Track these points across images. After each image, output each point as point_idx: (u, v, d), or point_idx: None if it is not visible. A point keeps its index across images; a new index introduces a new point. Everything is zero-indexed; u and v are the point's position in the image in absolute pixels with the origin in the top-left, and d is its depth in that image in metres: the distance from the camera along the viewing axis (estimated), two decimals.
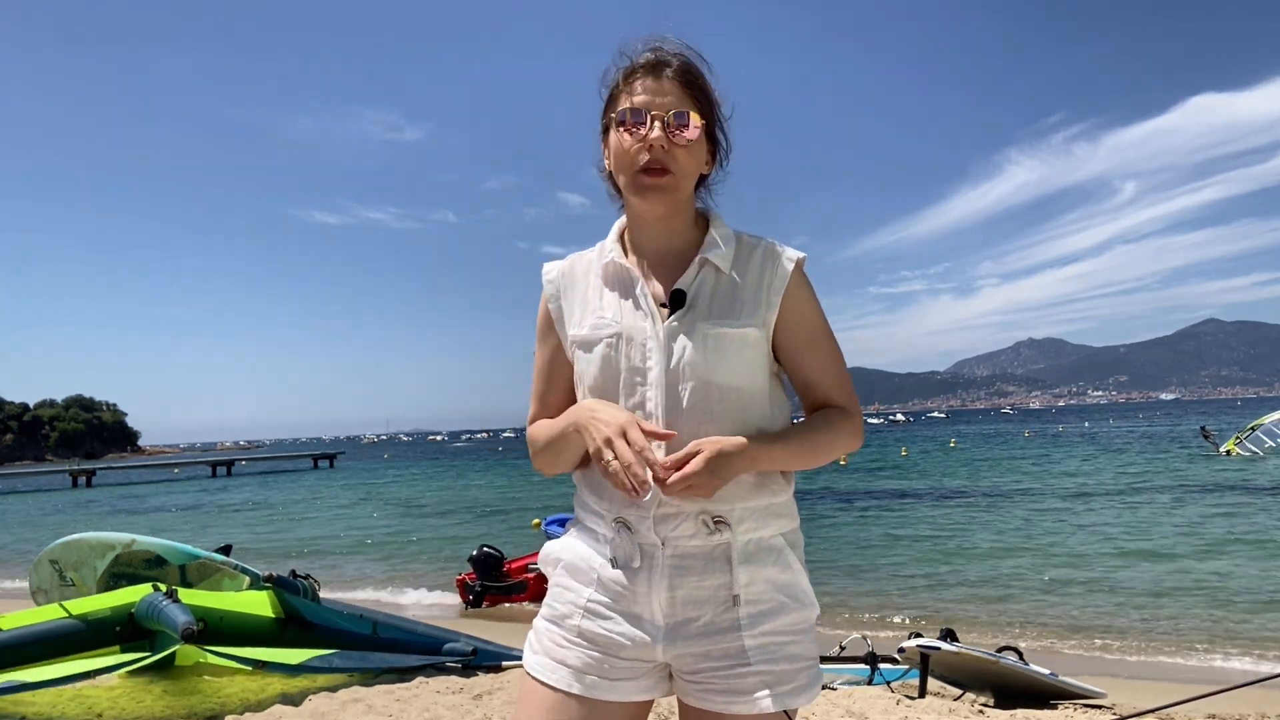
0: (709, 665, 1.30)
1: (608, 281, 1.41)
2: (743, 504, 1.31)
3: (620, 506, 1.32)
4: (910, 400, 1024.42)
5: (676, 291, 1.34)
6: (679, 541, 1.29)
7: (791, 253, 1.39)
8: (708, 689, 1.31)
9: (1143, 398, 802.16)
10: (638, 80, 1.35)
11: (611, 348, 1.33)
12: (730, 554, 1.30)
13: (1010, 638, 7.62)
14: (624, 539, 1.31)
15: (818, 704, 4.86)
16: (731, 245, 1.39)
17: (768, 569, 1.33)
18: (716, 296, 1.35)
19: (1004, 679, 5.24)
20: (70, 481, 53.16)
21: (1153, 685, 6.38)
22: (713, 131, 1.40)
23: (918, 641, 5.28)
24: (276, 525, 22.96)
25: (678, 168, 1.33)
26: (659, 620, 1.30)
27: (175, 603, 5.21)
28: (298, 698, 5.04)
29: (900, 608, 9.68)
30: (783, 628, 1.32)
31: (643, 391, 1.31)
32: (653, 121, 1.31)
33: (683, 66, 1.36)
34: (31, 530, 23.87)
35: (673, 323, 1.32)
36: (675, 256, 1.40)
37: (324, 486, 39.96)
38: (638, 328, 1.33)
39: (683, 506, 1.28)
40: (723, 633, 1.30)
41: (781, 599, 1.33)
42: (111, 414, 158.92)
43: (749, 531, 1.31)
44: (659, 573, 1.30)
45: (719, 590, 1.30)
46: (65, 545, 6.66)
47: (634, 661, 1.33)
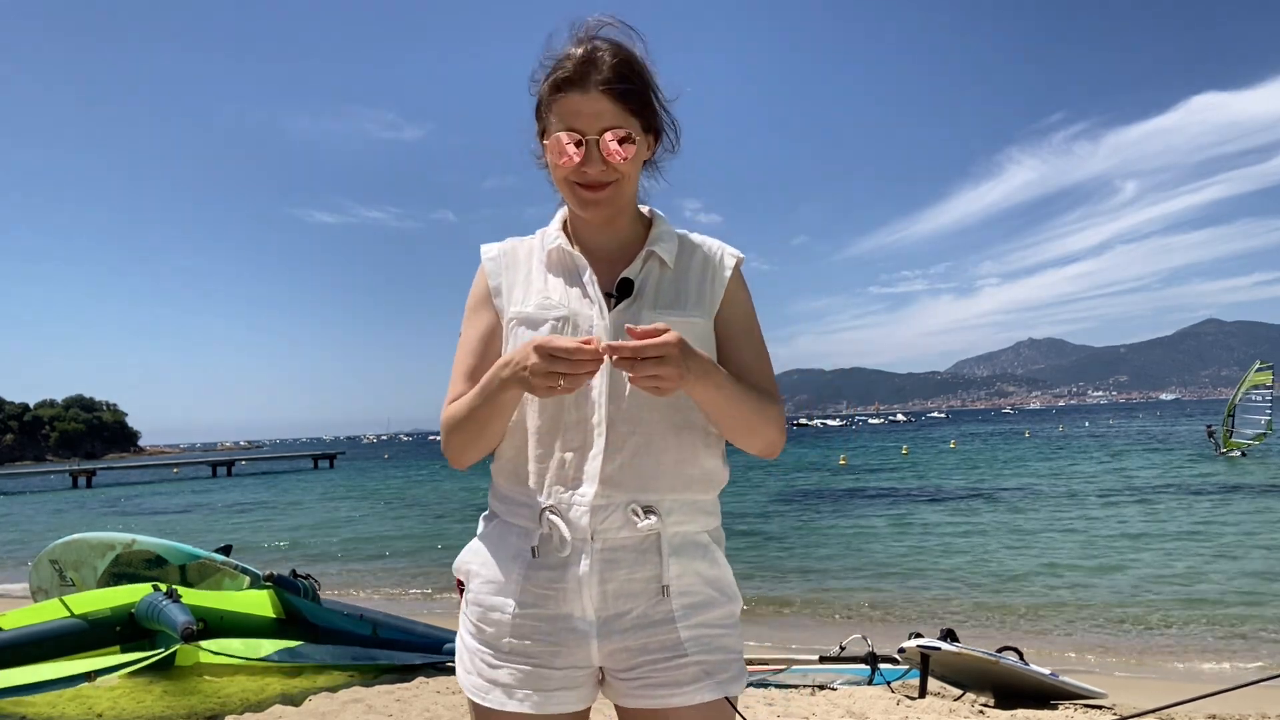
0: (645, 659, 1.29)
1: (552, 267, 1.39)
2: (672, 495, 1.30)
3: (551, 494, 1.29)
4: (910, 400, 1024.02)
5: (624, 280, 1.34)
6: (608, 534, 1.27)
7: (733, 251, 1.43)
8: (645, 683, 1.29)
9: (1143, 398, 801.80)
10: (565, 97, 1.29)
11: (558, 330, 1.31)
12: (660, 545, 1.29)
13: (1010, 637, 7.61)
14: (553, 529, 1.28)
15: (819, 704, 4.86)
16: (675, 241, 1.40)
17: (696, 562, 1.33)
18: (662, 288, 1.36)
19: (1004, 679, 5.24)
20: (70, 481, 53.15)
21: (1153, 685, 6.38)
22: (652, 124, 1.36)
23: (918, 641, 5.27)
24: (277, 525, 22.96)
25: (619, 176, 1.32)
26: (590, 616, 1.28)
27: (175, 603, 5.22)
28: (298, 697, 5.04)
29: (900, 607, 9.68)
30: (714, 620, 1.33)
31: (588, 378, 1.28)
32: (588, 146, 1.28)
33: (614, 66, 1.29)
34: (32, 530, 23.87)
35: (620, 311, 1.32)
36: (619, 250, 1.39)
37: (324, 486, 39.95)
38: (584, 314, 1.32)
39: (613, 497, 1.27)
40: (657, 625, 1.29)
41: (711, 592, 1.34)
42: (111, 414, 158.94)
43: (677, 524, 1.31)
44: (589, 566, 1.27)
45: (650, 583, 1.29)
46: (66, 545, 6.66)
47: (569, 669, 1.30)
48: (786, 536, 15.87)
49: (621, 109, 1.30)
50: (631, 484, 1.28)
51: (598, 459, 1.28)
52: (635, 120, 1.32)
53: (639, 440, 1.29)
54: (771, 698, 5.09)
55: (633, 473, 1.28)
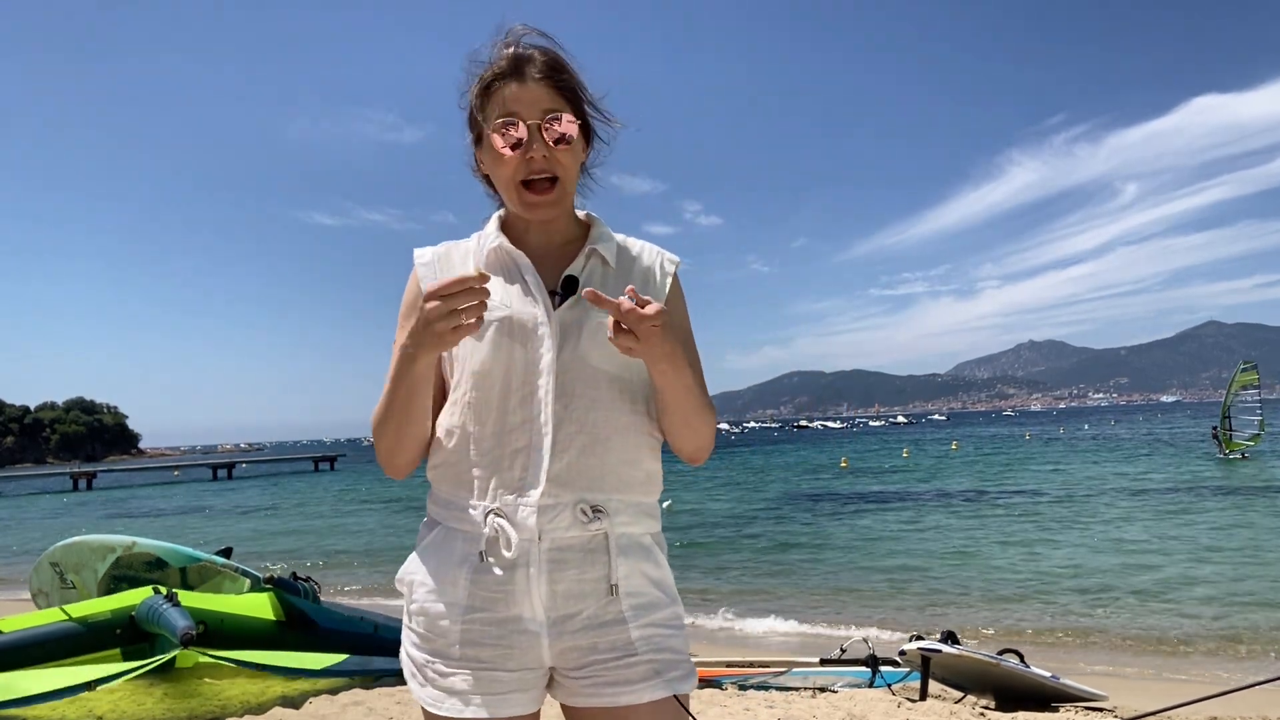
0: (595, 658, 1.29)
1: (491, 268, 1.37)
2: (619, 496, 1.30)
3: (497, 496, 1.27)
4: (911, 402, 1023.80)
5: (569, 278, 1.33)
6: (556, 533, 1.26)
7: (671, 256, 1.44)
8: (596, 682, 1.29)
9: (1143, 400, 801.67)
10: (503, 87, 1.31)
11: (502, 332, 1.29)
12: (609, 545, 1.28)
13: (1012, 640, 7.61)
14: (500, 532, 1.26)
15: (820, 707, 4.85)
16: (613, 242, 1.41)
17: (642, 564, 1.33)
18: (605, 286, 1.35)
19: (1005, 682, 5.23)
20: (71, 484, 53.20)
21: (1154, 687, 6.38)
22: (586, 122, 1.38)
23: (919, 644, 5.27)
24: (277, 528, 22.97)
25: (563, 173, 1.33)
26: (540, 616, 1.27)
27: (176, 606, 5.21)
28: (298, 700, 5.03)
29: (901, 610, 9.67)
30: (661, 620, 1.33)
31: (534, 378, 1.28)
32: (530, 131, 1.29)
33: (546, 62, 1.32)
34: (32, 532, 23.88)
35: (566, 309, 1.31)
36: (558, 249, 1.39)
37: (325, 488, 39.95)
38: (528, 313, 1.30)
39: (561, 497, 1.26)
40: (608, 625, 1.29)
41: (657, 594, 1.34)
42: (112, 416, 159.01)
43: (624, 525, 1.31)
44: (536, 567, 1.26)
45: (599, 583, 1.28)
46: (66, 547, 6.66)
47: (521, 671, 1.30)
48: (788, 538, 15.87)
49: (559, 96, 1.32)
50: (579, 483, 1.27)
51: (544, 459, 1.26)
52: (571, 110, 1.33)
53: (585, 439, 1.28)
54: (772, 700, 5.08)
55: (580, 472, 1.27)
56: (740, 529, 17.49)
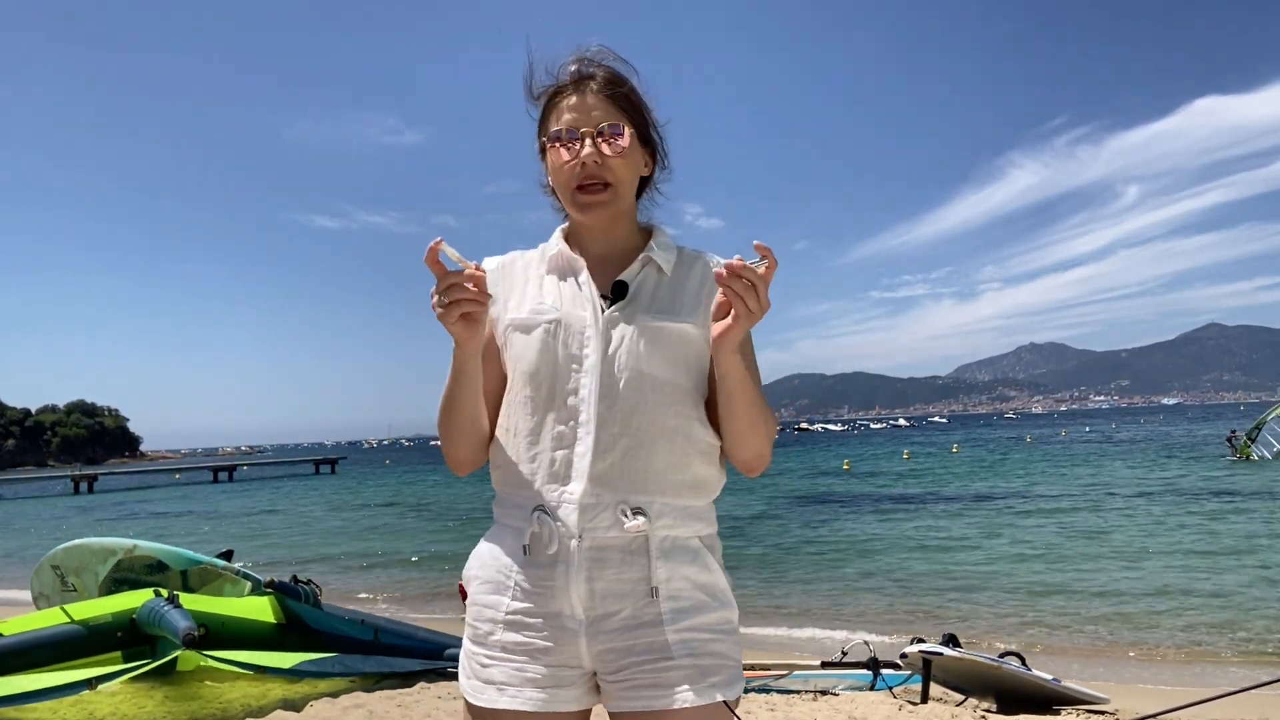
0: (632, 660, 1.29)
1: (550, 271, 1.42)
2: (662, 499, 1.31)
3: (542, 493, 1.30)
4: (912, 405, 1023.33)
5: (619, 282, 1.37)
6: (596, 533, 1.28)
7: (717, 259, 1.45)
8: (632, 684, 1.29)
9: (1145, 402, 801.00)
10: (564, 99, 1.38)
11: (549, 333, 1.33)
12: (648, 547, 1.29)
13: (1013, 643, 7.60)
14: (543, 527, 1.29)
15: (821, 709, 4.85)
16: (673, 252, 1.44)
17: (686, 567, 1.33)
18: (658, 293, 1.38)
19: (1006, 684, 5.23)
20: (72, 487, 53.17)
21: (1155, 690, 6.37)
22: (647, 135, 1.43)
23: (920, 647, 5.26)
24: (278, 530, 22.96)
25: (615, 178, 1.37)
26: (579, 614, 1.29)
27: (176, 608, 5.21)
28: (299, 703, 5.04)
29: (902, 612, 9.67)
30: (704, 625, 1.32)
31: (577, 378, 1.31)
32: (584, 138, 1.35)
33: (606, 78, 1.38)
34: (33, 535, 23.87)
35: (613, 313, 1.34)
36: (618, 258, 1.42)
37: (326, 491, 39.96)
38: (576, 315, 1.34)
39: (602, 497, 1.28)
40: (645, 627, 1.29)
41: (702, 597, 1.33)
42: (113, 419, 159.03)
43: (666, 528, 1.31)
44: (576, 565, 1.28)
45: (638, 584, 1.29)
46: (67, 550, 6.66)
47: (560, 667, 1.31)
48: (790, 541, 15.86)
49: (615, 109, 1.37)
50: (621, 484, 1.29)
51: (586, 457, 1.28)
52: (628, 122, 1.38)
53: (629, 442, 1.30)
54: (773, 703, 5.08)
55: (622, 473, 1.29)
56: (742, 531, 17.49)
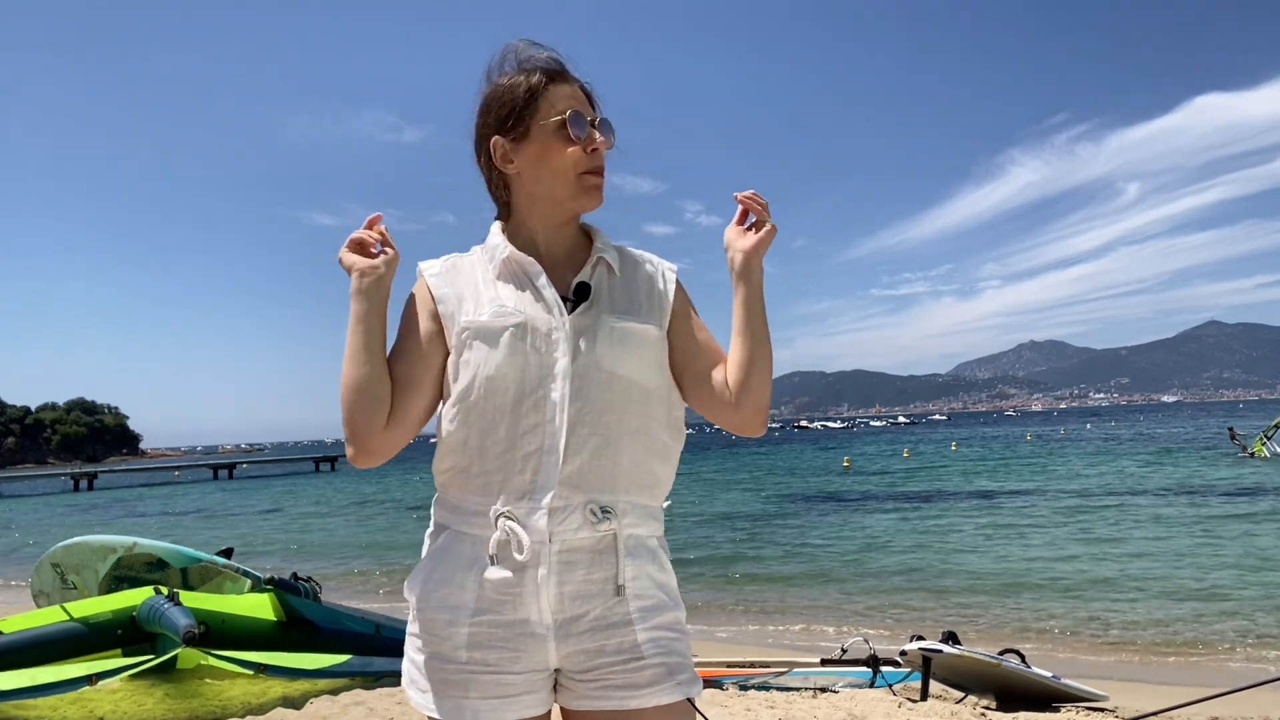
0: (603, 661, 1.29)
1: (502, 275, 1.37)
2: (627, 497, 1.31)
3: (507, 500, 1.27)
4: (911, 403, 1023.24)
5: (581, 284, 1.35)
6: (565, 535, 1.27)
7: (669, 265, 1.48)
8: (603, 684, 1.29)
9: (1144, 400, 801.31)
10: (556, 87, 1.37)
11: (517, 338, 1.29)
12: (617, 545, 1.29)
13: (1013, 640, 7.60)
14: (511, 534, 1.25)
15: (821, 707, 4.85)
16: (614, 251, 1.44)
17: (648, 566, 1.34)
18: (615, 294, 1.38)
19: (1006, 682, 5.23)
20: (72, 485, 53.16)
21: (1156, 688, 6.37)
22: None
23: (920, 644, 5.27)
24: (278, 528, 22.97)
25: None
26: (548, 619, 1.28)
27: (177, 606, 5.21)
28: (299, 701, 5.04)
29: (902, 610, 9.67)
30: (667, 624, 1.33)
31: (548, 382, 1.28)
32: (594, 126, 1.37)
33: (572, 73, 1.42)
34: (33, 533, 23.88)
35: (579, 315, 1.32)
36: (566, 256, 1.41)
37: (326, 489, 39.95)
38: (542, 319, 1.31)
39: (571, 499, 1.27)
40: (614, 627, 1.29)
41: (662, 596, 1.34)
42: (113, 417, 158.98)
43: (631, 527, 1.31)
44: (546, 569, 1.26)
45: (605, 584, 1.29)
46: (67, 548, 6.66)
47: (529, 674, 1.30)
48: (790, 539, 15.86)
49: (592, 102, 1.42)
50: (589, 484, 1.28)
51: (557, 462, 1.26)
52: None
53: (598, 441, 1.29)
54: (773, 701, 5.08)
55: (591, 473, 1.28)
56: (742, 528, 17.50)
